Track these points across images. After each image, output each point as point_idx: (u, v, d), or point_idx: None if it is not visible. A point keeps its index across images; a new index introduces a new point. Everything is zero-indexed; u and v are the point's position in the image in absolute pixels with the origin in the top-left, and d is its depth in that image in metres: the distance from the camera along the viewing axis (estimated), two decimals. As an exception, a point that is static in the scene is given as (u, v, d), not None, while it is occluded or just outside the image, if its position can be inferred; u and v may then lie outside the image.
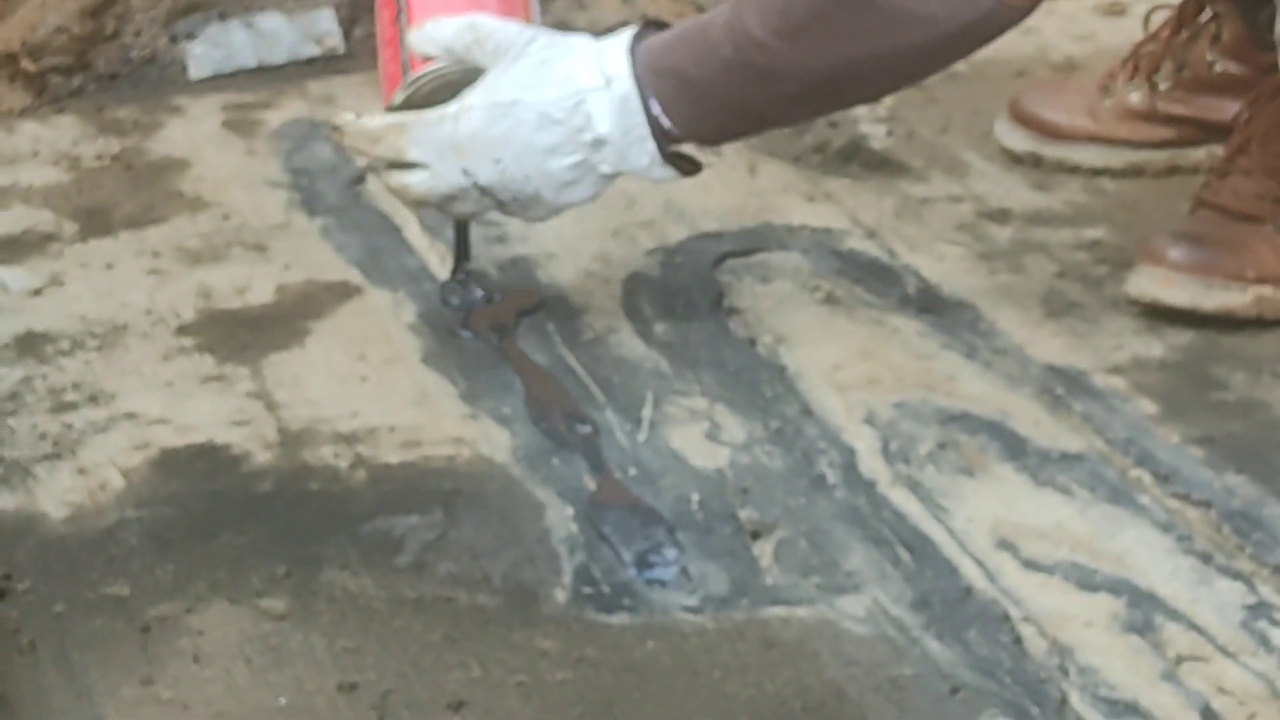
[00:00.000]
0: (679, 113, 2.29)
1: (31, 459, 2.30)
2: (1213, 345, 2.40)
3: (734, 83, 2.27)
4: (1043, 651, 1.94)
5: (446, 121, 2.33)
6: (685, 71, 2.28)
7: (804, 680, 1.92)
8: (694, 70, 2.28)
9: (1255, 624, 1.96)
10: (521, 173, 2.33)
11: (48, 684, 1.96)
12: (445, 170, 2.34)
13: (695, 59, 2.28)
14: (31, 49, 3.14)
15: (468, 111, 2.32)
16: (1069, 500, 2.15)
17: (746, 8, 2.25)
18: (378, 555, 2.12)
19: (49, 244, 2.76)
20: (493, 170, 2.33)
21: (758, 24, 2.24)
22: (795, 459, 2.24)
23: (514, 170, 2.33)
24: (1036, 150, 2.82)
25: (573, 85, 2.30)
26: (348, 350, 2.48)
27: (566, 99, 2.30)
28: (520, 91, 2.31)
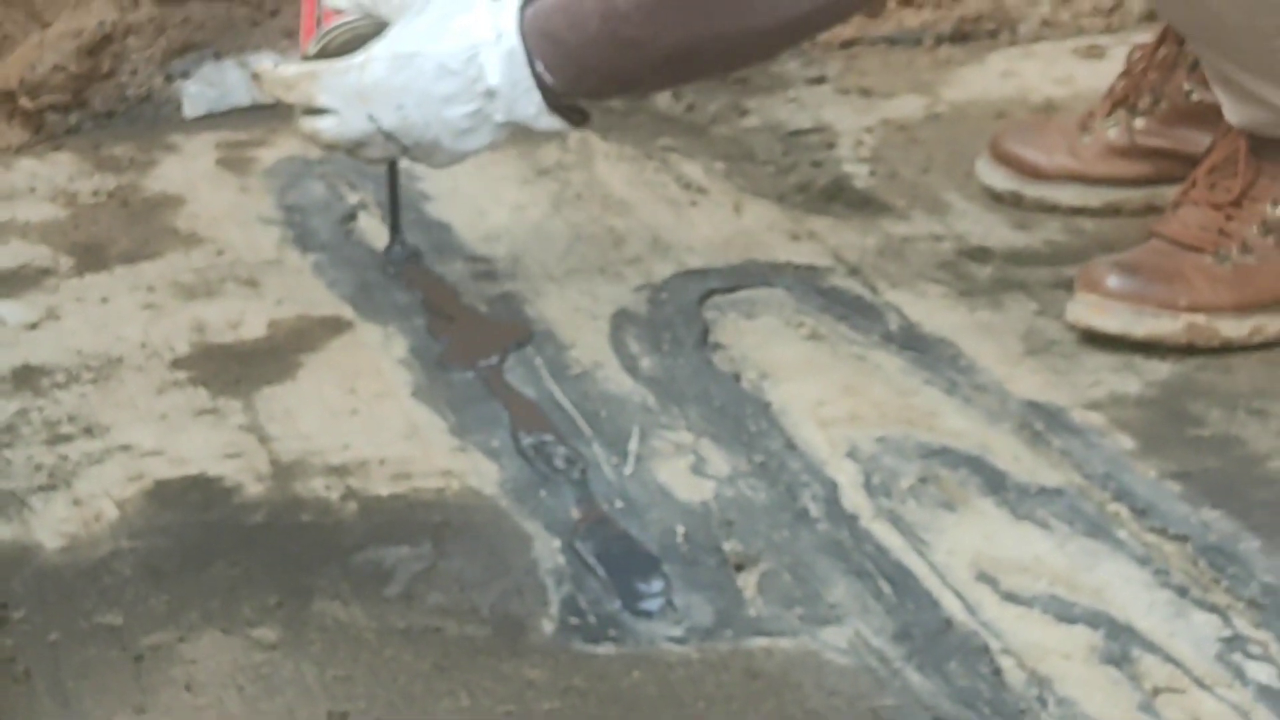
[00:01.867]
0: (559, 73, 2.39)
1: (27, 490, 2.30)
2: (1189, 381, 2.40)
3: (602, 50, 2.37)
4: (1022, 683, 1.94)
5: (353, 70, 2.42)
6: (562, 36, 2.37)
7: (787, 711, 1.92)
8: (569, 36, 2.37)
9: (1230, 656, 1.97)
10: (422, 119, 2.41)
11: (42, 711, 1.96)
12: (352, 116, 2.42)
13: (570, 25, 2.37)
14: (29, 87, 3.15)
15: (373, 61, 2.41)
16: (1048, 534, 2.15)
17: None
18: (368, 586, 2.12)
19: (45, 279, 2.76)
20: (395, 116, 2.41)
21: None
22: (779, 493, 2.25)
23: (415, 117, 2.41)
24: (1017, 189, 2.82)
25: (468, 39, 2.39)
26: (339, 384, 2.49)
27: (462, 51, 2.39)
28: (421, 43, 2.40)
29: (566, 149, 3.02)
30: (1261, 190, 2.47)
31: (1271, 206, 2.46)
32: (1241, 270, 2.46)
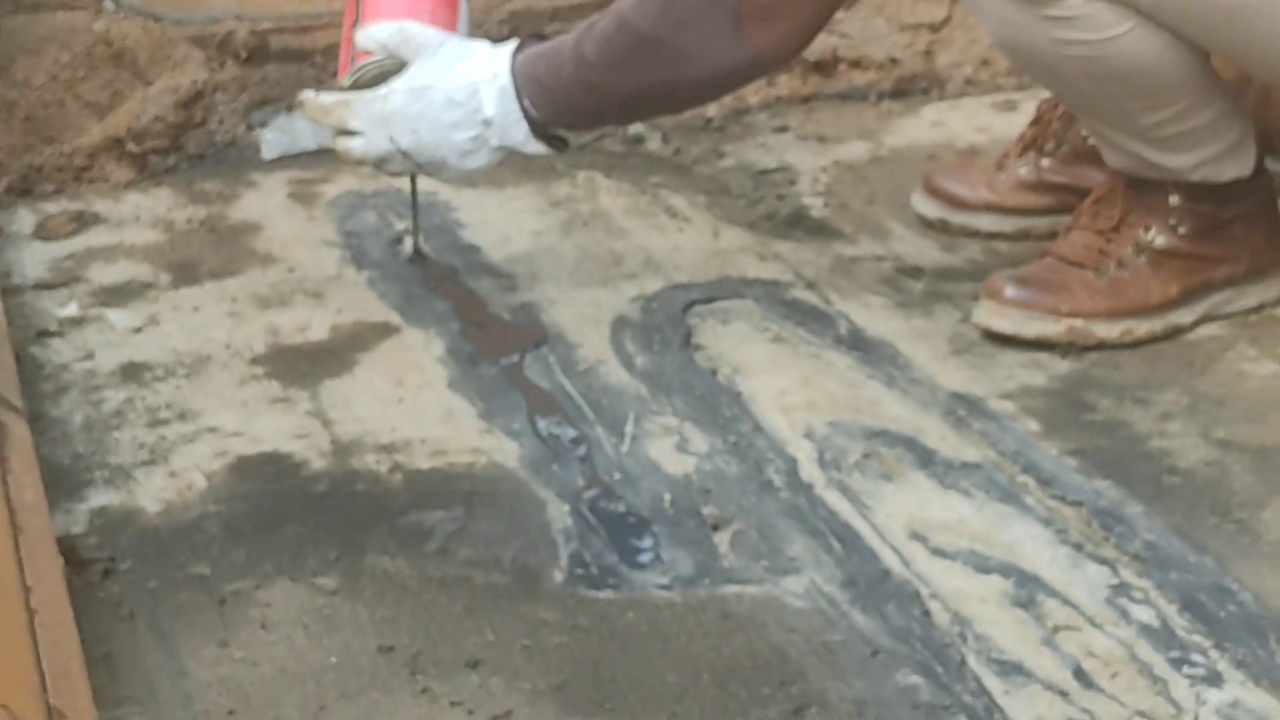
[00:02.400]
0: (541, 108, 2.45)
1: (132, 464, 2.31)
2: (1084, 376, 2.40)
3: (572, 92, 2.44)
4: (946, 622, 1.95)
5: (378, 100, 2.48)
6: (543, 80, 2.44)
7: (754, 645, 1.92)
8: (548, 79, 2.44)
9: (1117, 600, 1.97)
10: (432, 141, 2.48)
11: (143, 646, 1.97)
12: (376, 137, 2.49)
13: (549, 70, 2.44)
14: (135, 134, 3.14)
15: (393, 94, 2.48)
16: (969, 500, 2.15)
17: (586, 37, 2.42)
18: (411, 543, 2.12)
19: (148, 291, 2.75)
20: (411, 139, 2.48)
21: (591, 50, 2.41)
22: (748, 466, 2.25)
23: (427, 139, 2.48)
24: (945, 218, 2.82)
25: (471, 77, 2.46)
26: (388, 378, 2.48)
27: (466, 87, 2.46)
28: (432, 79, 2.47)
29: (575, 185, 3.02)
30: (1135, 219, 2.47)
31: (1143, 232, 2.47)
32: (1116, 283, 2.46)
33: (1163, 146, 2.42)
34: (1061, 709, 1.82)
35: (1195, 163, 2.44)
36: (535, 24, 3.29)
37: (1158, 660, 1.87)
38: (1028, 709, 1.82)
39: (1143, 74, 2.35)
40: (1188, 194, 2.46)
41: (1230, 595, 1.96)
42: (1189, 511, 2.10)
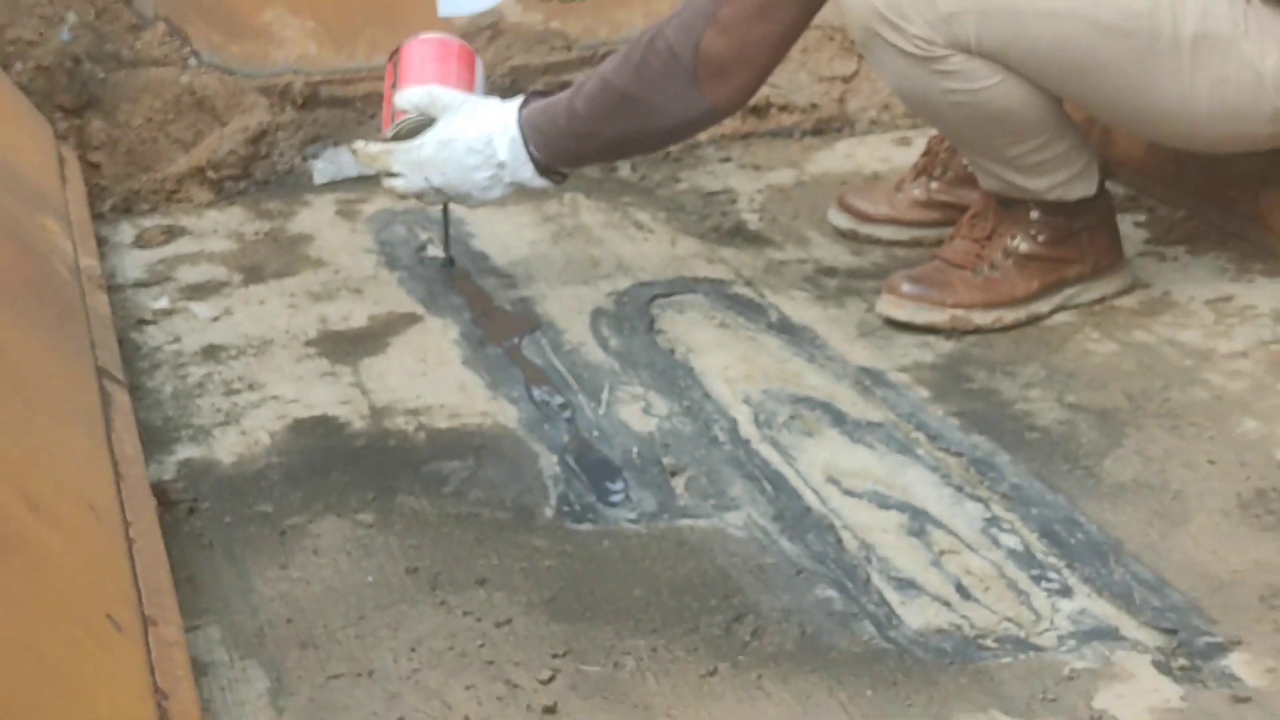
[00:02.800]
0: (543, 151, 2.50)
1: (211, 425, 2.30)
2: (964, 354, 2.40)
3: (568, 139, 2.49)
4: (855, 548, 1.95)
5: (414, 150, 2.54)
6: (544, 130, 2.48)
7: (703, 566, 1.92)
8: (549, 130, 2.49)
9: (990, 530, 1.97)
10: (458, 180, 2.54)
11: (219, 569, 1.97)
12: (414, 178, 2.55)
13: (549, 122, 2.49)
14: (213, 164, 3.13)
15: (426, 144, 2.54)
16: (872, 452, 2.15)
17: (577, 95, 2.47)
18: (432, 486, 2.12)
19: (223, 288, 2.75)
20: (441, 178, 2.54)
21: (581, 106, 2.46)
22: (699, 425, 2.24)
23: (454, 178, 2.54)
24: (854, 229, 2.82)
25: (486, 129, 2.51)
26: (414, 356, 2.48)
27: (483, 137, 2.50)
28: (456, 133, 2.51)
29: (562, 204, 3.01)
30: (1004, 230, 2.47)
31: (1010, 240, 2.47)
32: (989, 280, 2.46)
33: (1025, 172, 2.42)
34: (946, 616, 1.82)
35: (1050, 185, 2.44)
36: (531, 76, 3.28)
37: (1021, 577, 1.88)
38: (919, 616, 1.82)
39: (1009, 116, 2.35)
40: (1045, 210, 2.47)
41: (1079, 526, 1.96)
42: (1046, 460, 2.11)
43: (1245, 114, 2.34)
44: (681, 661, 1.76)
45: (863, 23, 2.32)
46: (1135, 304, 2.51)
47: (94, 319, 2.31)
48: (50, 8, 3.16)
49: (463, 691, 1.73)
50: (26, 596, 1.41)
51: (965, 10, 2.27)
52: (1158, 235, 2.73)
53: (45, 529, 1.55)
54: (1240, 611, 1.78)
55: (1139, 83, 2.32)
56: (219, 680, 1.77)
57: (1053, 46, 2.29)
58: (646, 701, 1.70)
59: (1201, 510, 1.97)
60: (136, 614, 1.59)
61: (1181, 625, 1.77)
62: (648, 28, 2.44)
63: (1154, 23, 2.27)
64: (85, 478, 1.79)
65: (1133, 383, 2.28)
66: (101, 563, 1.64)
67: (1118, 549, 1.91)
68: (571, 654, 1.78)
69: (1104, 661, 1.73)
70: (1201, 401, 2.21)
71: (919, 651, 1.76)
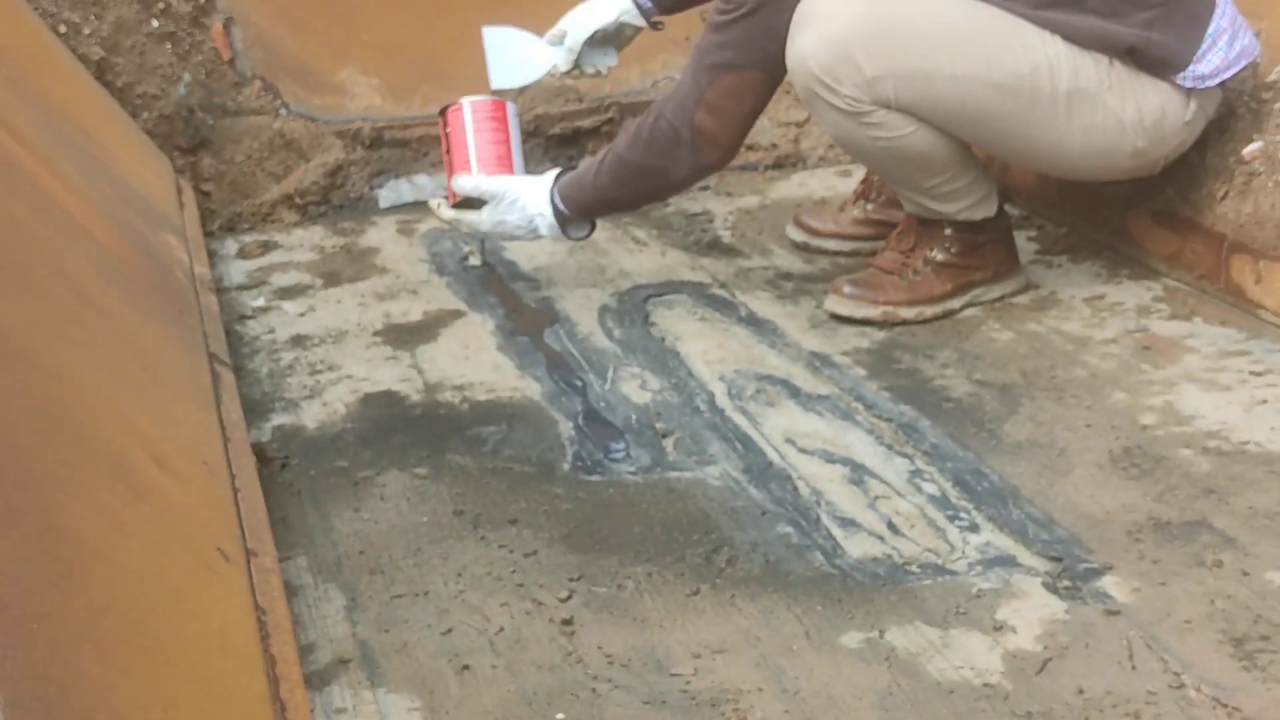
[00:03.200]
0: (573, 208, 2.53)
1: (298, 398, 2.30)
2: (894, 341, 2.40)
3: (596, 205, 2.55)
4: (808, 494, 1.95)
5: (474, 223, 2.60)
6: (575, 199, 2.54)
7: (688, 509, 1.92)
8: (579, 198, 2.53)
9: (914, 480, 1.97)
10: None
11: (306, 512, 1.96)
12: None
13: (579, 192, 2.53)
14: (300, 192, 3.12)
15: (483, 223, 2.59)
16: (822, 418, 2.15)
17: (600, 169, 2.49)
18: (474, 446, 2.12)
19: (308, 290, 2.74)
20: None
21: (604, 178, 2.49)
22: (684, 398, 2.24)
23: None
24: (807, 242, 2.81)
25: (529, 215, 2.56)
26: (459, 344, 2.47)
27: (526, 221, 2.57)
28: (504, 216, 2.57)
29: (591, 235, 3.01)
30: (923, 243, 2.47)
31: (929, 251, 2.46)
32: (913, 283, 2.45)
33: (938, 200, 2.42)
34: (880, 547, 1.82)
35: (959, 209, 2.43)
36: (551, 122, 3.27)
37: (939, 517, 1.87)
38: (858, 547, 1.82)
39: (924, 156, 2.34)
40: (956, 227, 2.46)
41: (984, 476, 1.96)
42: (958, 425, 2.10)
43: (1110, 152, 2.35)
44: (671, 584, 1.76)
45: (804, 84, 2.31)
46: (1028, 301, 2.50)
47: (206, 315, 2.30)
48: (170, 69, 3.14)
49: (499, 607, 1.72)
50: (156, 534, 1.41)
51: (885, 75, 2.26)
52: (1045, 247, 2.73)
53: (168, 480, 1.55)
54: (1112, 543, 1.78)
55: (1025, 129, 2.31)
56: (306, 599, 1.76)
57: (956, 102, 2.29)
58: (643, 615, 1.70)
59: (1081, 464, 1.97)
60: (240, 547, 1.59)
61: (1065, 554, 1.77)
62: (649, 110, 2.45)
63: (1035, 82, 2.27)
64: (200, 440, 1.79)
65: (1026, 363, 2.28)
66: (213, 507, 1.63)
67: (1015, 494, 1.91)
68: (584, 578, 1.77)
69: (1004, 583, 1.73)
70: (1081, 378, 2.21)
71: (858, 576, 1.76)
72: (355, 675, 1.61)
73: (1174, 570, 1.72)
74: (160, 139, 3.09)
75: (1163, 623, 1.63)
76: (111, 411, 1.57)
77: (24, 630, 1.03)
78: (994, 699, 1.52)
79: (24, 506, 1.19)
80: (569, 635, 1.66)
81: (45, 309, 1.64)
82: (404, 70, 3.31)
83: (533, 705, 1.55)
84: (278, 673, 1.37)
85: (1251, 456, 1.94)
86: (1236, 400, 2.10)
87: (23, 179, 1.97)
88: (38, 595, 1.09)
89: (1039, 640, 1.61)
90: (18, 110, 2.27)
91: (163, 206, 2.69)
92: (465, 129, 2.60)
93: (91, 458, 1.40)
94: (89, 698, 1.04)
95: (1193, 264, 2.48)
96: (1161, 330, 2.34)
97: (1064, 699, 1.51)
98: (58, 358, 1.54)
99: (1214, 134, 2.45)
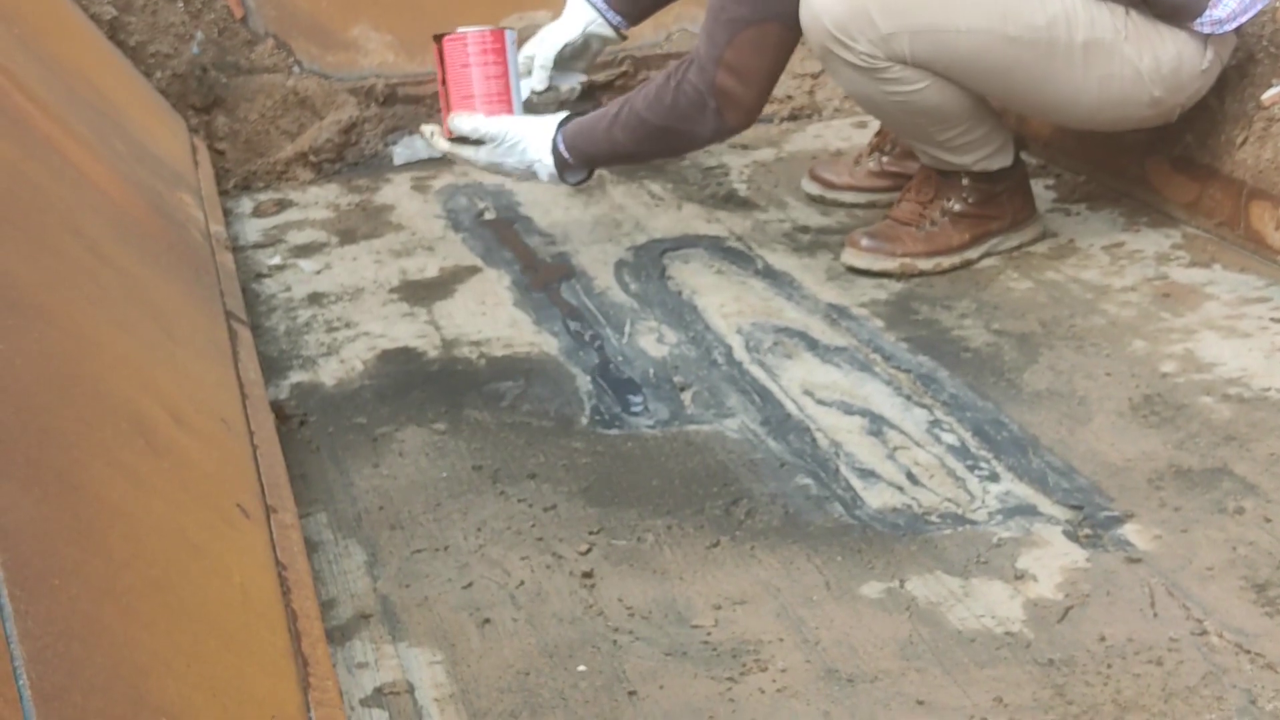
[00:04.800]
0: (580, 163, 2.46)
1: (316, 355, 2.29)
2: (911, 292, 2.38)
3: (608, 158, 2.48)
4: (826, 445, 1.94)
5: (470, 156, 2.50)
6: (584, 149, 2.46)
7: (706, 461, 1.92)
8: (589, 149, 2.46)
9: (933, 430, 1.96)
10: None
11: (325, 468, 1.96)
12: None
13: (590, 144, 2.45)
14: (314, 150, 3.11)
15: (478, 159, 2.50)
16: (840, 370, 2.14)
17: (615, 125, 2.42)
18: (492, 401, 2.11)
19: (324, 247, 2.73)
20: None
21: (621, 135, 2.42)
22: (701, 351, 2.23)
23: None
24: (823, 195, 2.79)
25: (526, 160, 2.48)
26: (475, 299, 2.46)
27: (522, 166, 2.49)
28: (501, 158, 2.49)
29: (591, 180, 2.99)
30: (941, 194, 2.45)
31: (946, 202, 2.44)
32: (930, 234, 2.44)
33: (953, 152, 2.40)
34: (899, 498, 1.81)
35: (975, 160, 2.41)
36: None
37: (959, 467, 1.87)
38: (878, 498, 1.81)
39: (938, 110, 2.32)
40: (973, 178, 2.44)
41: (1004, 426, 1.95)
42: (977, 375, 2.09)
43: (1127, 102, 2.32)
44: (690, 536, 1.75)
45: (819, 41, 2.29)
46: (1047, 250, 2.49)
47: (222, 273, 2.30)
48: (182, 27, 3.13)
49: (519, 561, 1.72)
50: (175, 491, 1.41)
51: (900, 30, 2.24)
52: (1064, 195, 2.71)
53: (187, 437, 1.55)
54: (1132, 491, 1.77)
55: (1041, 82, 2.29)
56: (326, 555, 1.76)
57: (971, 56, 2.26)
58: (663, 568, 1.70)
59: (1101, 412, 1.96)
60: (260, 503, 1.59)
61: (1086, 503, 1.76)
62: (668, 71, 2.39)
63: (1052, 34, 2.25)
64: (218, 397, 1.79)
65: (1045, 312, 2.26)
66: (232, 464, 1.63)
67: (1035, 443, 1.90)
68: (604, 531, 1.77)
69: (1025, 532, 1.72)
70: (1100, 326, 2.20)
71: (878, 526, 1.75)
72: (376, 630, 1.61)
73: (1195, 517, 1.71)
74: (174, 98, 3.08)
75: (1184, 570, 1.62)
76: (129, 369, 1.57)
77: (45, 586, 1.03)
78: (1015, 647, 1.52)
79: (43, 464, 1.19)
80: (589, 588, 1.66)
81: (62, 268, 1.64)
82: (416, 26, 3.29)
83: (554, 657, 1.55)
84: (299, 627, 1.37)
85: (1272, 403, 1.93)
86: (1257, 347, 2.08)
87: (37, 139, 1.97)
88: (58, 552, 1.09)
89: (1060, 588, 1.61)
90: (31, 71, 2.26)
91: (177, 165, 2.69)
92: (465, 63, 2.52)
93: (110, 415, 1.40)
94: (110, 652, 1.04)
95: (1212, 211, 2.46)
96: (1181, 278, 2.33)
97: (1086, 646, 1.51)
98: (75, 316, 1.54)
99: (1233, 80, 2.43)
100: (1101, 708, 1.42)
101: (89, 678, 0.99)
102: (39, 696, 0.92)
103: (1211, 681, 1.44)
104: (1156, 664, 1.47)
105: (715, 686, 1.49)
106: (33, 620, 0.99)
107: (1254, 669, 1.45)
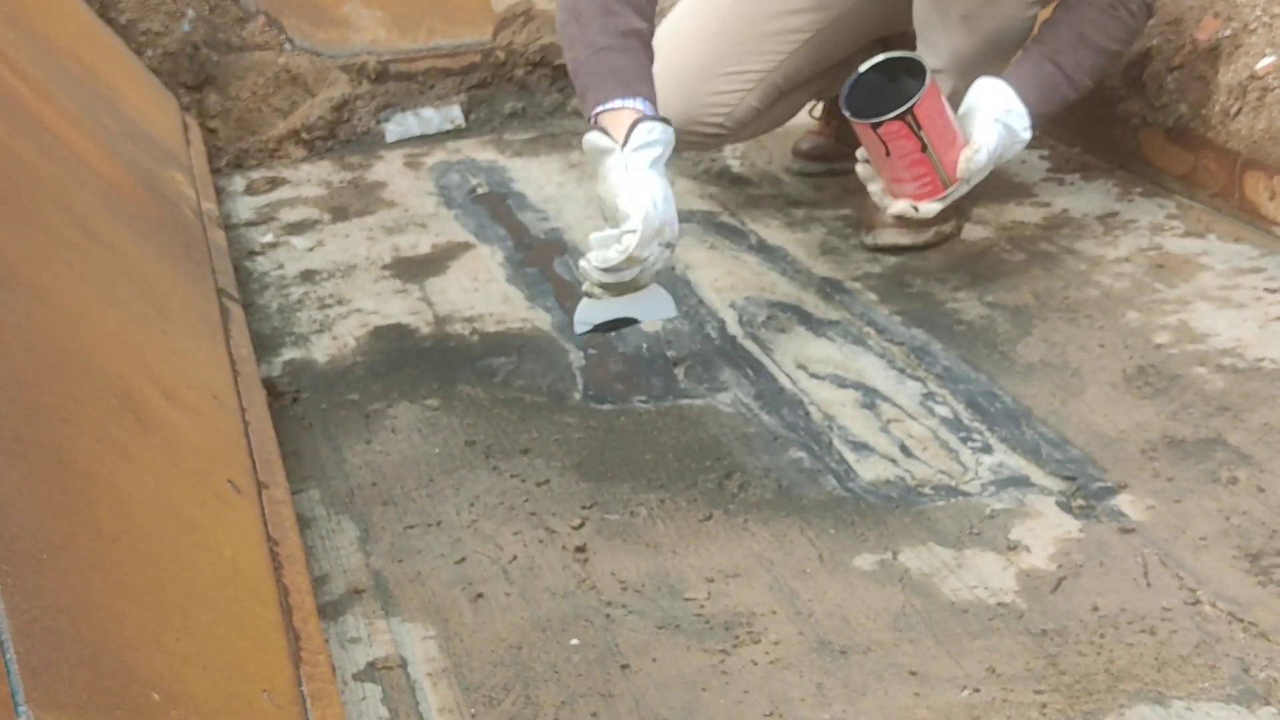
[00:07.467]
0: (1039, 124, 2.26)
1: (308, 332, 2.29)
2: (905, 266, 2.38)
3: (1069, 104, 2.28)
4: (820, 419, 1.93)
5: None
6: (1046, 113, 2.25)
7: (700, 435, 1.91)
8: (1051, 109, 2.25)
9: (927, 403, 1.96)
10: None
11: (318, 445, 1.96)
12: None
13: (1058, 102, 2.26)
14: (306, 127, 3.10)
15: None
16: (833, 343, 2.14)
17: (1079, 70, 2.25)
18: (484, 377, 2.11)
19: (316, 225, 2.72)
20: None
21: (1086, 76, 2.26)
22: (695, 325, 2.23)
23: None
24: (808, 168, 2.78)
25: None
26: (468, 276, 2.46)
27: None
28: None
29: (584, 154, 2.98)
30: None
31: None
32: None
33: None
34: (893, 470, 1.81)
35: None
36: (556, 51, 3.24)
37: (952, 439, 1.86)
38: (871, 470, 1.81)
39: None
40: None
41: (997, 398, 1.95)
42: (970, 347, 2.09)
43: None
44: (684, 510, 1.75)
45: None
46: (1040, 220, 2.48)
47: (214, 251, 2.29)
48: (173, 5, 3.12)
49: (511, 536, 1.72)
50: (166, 466, 1.40)
51: None
52: (1057, 166, 2.70)
53: (179, 414, 1.54)
54: (1126, 462, 1.77)
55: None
56: (319, 531, 1.76)
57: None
58: (657, 542, 1.69)
59: (1094, 383, 1.95)
60: (252, 480, 1.59)
61: (1079, 474, 1.76)
62: (1104, 4, 2.25)
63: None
64: (210, 374, 1.78)
65: (1038, 284, 2.26)
66: (224, 440, 1.63)
67: (1028, 415, 1.90)
68: (597, 506, 1.77)
69: (1018, 503, 1.72)
70: (1093, 298, 2.19)
71: (871, 498, 1.75)
72: (369, 605, 1.61)
73: (1189, 487, 1.71)
74: (165, 76, 3.07)
75: (1178, 540, 1.62)
76: (119, 346, 1.56)
77: (33, 560, 1.03)
78: (1008, 618, 1.52)
79: (32, 439, 1.19)
80: (582, 562, 1.66)
81: (51, 244, 1.63)
82: (408, 2, 3.28)
83: (547, 631, 1.55)
84: (290, 602, 1.37)
85: (1266, 374, 1.93)
86: (1251, 318, 2.08)
87: (27, 116, 1.96)
88: (46, 526, 1.09)
89: (1053, 559, 1.60)
90: (21, 48, 2.25)
91: (169, 143, 2.68)
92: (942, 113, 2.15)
93: (99, 391, 1.40)
94: (99, 627, 1.04)
95: (1206, 182, 2.45)
96: (1175, 248, 2.32)
97: (1079, 616, 1.51)
98: (64, 293, 1.53)
99: (1227, 49, 2.42)
100: (1094, 677, 1.42)
101: (77, 651, 0.98)
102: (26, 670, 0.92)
103: (1204, 651, 1.44)
104: (1149, 634, 1.47)
105: (708, 659, 1.49)
106: (20, 594, 0.98)
107: (1247, 638, 1.45)
